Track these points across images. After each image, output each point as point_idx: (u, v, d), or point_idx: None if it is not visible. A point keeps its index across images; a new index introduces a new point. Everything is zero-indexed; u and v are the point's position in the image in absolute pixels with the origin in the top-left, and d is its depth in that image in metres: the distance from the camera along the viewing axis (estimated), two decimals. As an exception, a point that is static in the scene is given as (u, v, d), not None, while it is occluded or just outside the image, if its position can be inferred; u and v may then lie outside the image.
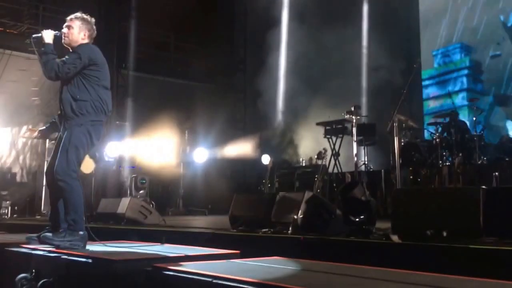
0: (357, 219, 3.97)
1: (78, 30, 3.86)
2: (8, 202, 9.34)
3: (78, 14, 3.92)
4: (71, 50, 3.88)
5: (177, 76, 12.93)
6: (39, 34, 3.82)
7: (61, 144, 3.77)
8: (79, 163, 3.75)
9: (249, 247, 3.59)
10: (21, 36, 10.66)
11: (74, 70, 3.71)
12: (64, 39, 3.87)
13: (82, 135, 3.75)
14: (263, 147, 10.14)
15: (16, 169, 11.09)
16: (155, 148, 10.48)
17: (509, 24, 9.78)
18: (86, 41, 3.88)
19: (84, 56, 3.74)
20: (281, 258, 3.14)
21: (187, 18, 12.67)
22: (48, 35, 3.80)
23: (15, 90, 10.40)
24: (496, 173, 6.04)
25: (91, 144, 3.85)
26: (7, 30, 10.84)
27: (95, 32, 3.95)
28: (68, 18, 3.92)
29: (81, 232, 3.65)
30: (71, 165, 3.66)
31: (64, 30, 3.88)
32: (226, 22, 13.62)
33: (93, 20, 3.96)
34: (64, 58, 3.73)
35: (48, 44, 3.77)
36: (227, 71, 13.46)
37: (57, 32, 3.85)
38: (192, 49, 13.41)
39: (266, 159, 8.88)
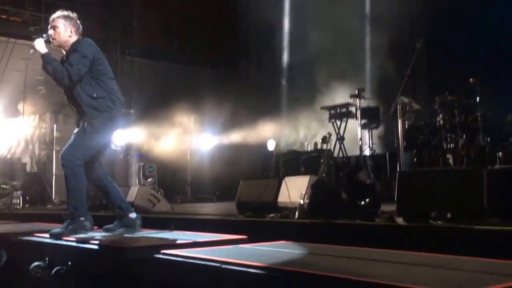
0: (362, 202, 4.01)
1: (63, 28, 3.73)
2: (19, 192, 9.40)
3: (59, 13, 3.79)
4: (64, 51, 3.78)
5: (182, 62, 12.84)
6: (32, 50, 3.68)
7: (77, 132, 3.72)
8: (89, 157, 3.73)
9: (256, 232, 3.64)
10: (25, 23, 10.62)
11: (84, 70, 3.62)
12: (52, 41, 3.73)
13: (103, 133, 3.74)
14: (268, 133, 10.15)
15: (26, 159, 11.10)
16: (162, 136, 10.51)
17: None
18: (74, 37, 3.76)
19: (89, 53, 3.64)
20: (288, 242, 3.19)
21: (191, 3, 12.60)
22: (40, 45, 3.65)
23: (21, 80, 10.41)
24: (500, 154, 6.02)
25: (110, 140, 3.95)
26: (11, 18, 10.79)
27: (81, 27, 3.81)
28: (50, 19, 3.79)
29: (81, 218, 3.67)
30: (78, 152, 3.65)
31: (50, 32, 3.74)
32: (229, 7, 13.52)
33: (75, 15, 3.82)
34: (69, 61, 3.61)
35: (45, 53, 3.64)
36: (231, 57, 13.40)
37: (44, 35, 3.72)
38: (196, 35, 13.32)
39: (271, 145, 8.89)
